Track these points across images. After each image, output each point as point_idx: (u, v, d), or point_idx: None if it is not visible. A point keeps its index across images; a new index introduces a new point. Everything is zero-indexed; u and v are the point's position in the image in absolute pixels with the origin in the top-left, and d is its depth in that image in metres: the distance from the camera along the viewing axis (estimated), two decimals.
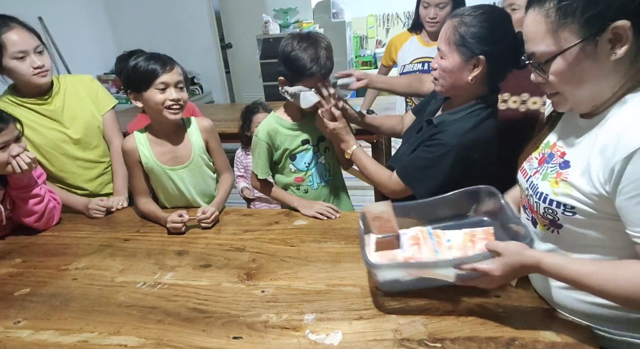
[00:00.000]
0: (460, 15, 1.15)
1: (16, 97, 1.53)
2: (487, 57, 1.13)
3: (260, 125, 1.50)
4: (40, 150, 1.57)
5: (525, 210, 0.97)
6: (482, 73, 1.16)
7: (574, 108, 0.84)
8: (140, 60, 1.36)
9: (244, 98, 5.25)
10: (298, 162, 1.51)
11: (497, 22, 1.14)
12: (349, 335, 0.91)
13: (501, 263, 0.83)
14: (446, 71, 1.18)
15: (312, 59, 1.30)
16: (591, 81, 0.77)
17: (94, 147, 1.68)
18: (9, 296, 1.14)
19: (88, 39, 4.44)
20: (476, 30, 1.12)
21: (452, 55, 1.16)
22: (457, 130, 1.19)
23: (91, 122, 1.66)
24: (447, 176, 1.19)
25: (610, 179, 0.73)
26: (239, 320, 0.98)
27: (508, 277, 0.85)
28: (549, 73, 0.79)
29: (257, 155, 1.51)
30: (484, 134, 1.20)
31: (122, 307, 1.06)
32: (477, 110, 1.20)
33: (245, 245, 1.30)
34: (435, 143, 1.20)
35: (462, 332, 0.89)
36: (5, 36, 1.40)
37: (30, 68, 1.44)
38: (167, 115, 1.39)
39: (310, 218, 1.44)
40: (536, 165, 0.92)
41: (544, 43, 0.78)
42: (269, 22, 4.58)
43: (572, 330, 0.87)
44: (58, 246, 1.39)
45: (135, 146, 1.46)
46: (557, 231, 0.86)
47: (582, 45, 0.74)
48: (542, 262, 0.80)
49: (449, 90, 1.24)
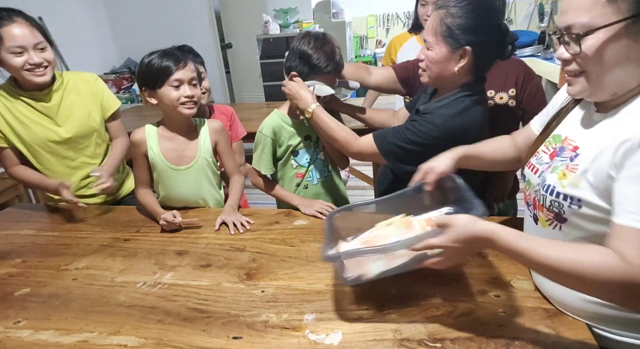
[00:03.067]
0: (446, 6, 1.16)
1: (13, 89, 1.52)
2: (473, 47, 1.14)
3: (264, 122, 1.50)
4: (27, 146, 1.56)
5: (529, 206, 0.96)
6: (468, 64, 1.17)
7: (592, 94, 0.80)
8: (154, 58, 1.37)
9: (244, 98, 5.25)
10: (300, 157, 1.54)
11: (483, 12, 1.15)
12: (348, 335, 0.91)
13: (451, 236, 0.79)
14: (433, 62, 1.20)
15: (329, 57, 1.38)
16: (622, 65, 0.74)
17: (84, 147, 1.65)
18: (9, 296, 1.14)
19: (88, 38, 4.44)
20: (462, 21, 1.13)
21: (438, 46, 1.17)
22: (442, 113, 1.19)
23: (86, 121, 1.63)
24: (424, 154, 1.15)
25: (620, 160, 0.72)
26: (239, 320, 0.98)
27: (462, 251, 0.81)
28: (582, 48, 0.75)
29: (261, 151, 1.51)
30: (468, 121, 1.20)
31: (122, 307, 1.06)
32: (462, 97, 1.21)
33: (246, 245, 1.30)
34: (423, 121, 1.20)
35: (462, 332, 0.89)
36: (5, 29, 1.39)
37: (26, 64, 1.43)
38: (182, 110, 1.39)
39: (311, 218, 1.44)
40: (547, 160, 0.91)
41: (588, 14, 0.73)
42: (269, 22, 4.58)
43: (573, 330, 0.87)
44: (58, 246, 1.39)
45: (144, 138, 1.47)
46: (560, 226, 0.85)
47: (629, 22, 0.70)
48: (495, 234, 0.77)
49: (435, 81, 1.25)
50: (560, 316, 0.91)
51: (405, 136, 1.22)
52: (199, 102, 1.43)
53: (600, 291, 0.73)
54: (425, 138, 1.19)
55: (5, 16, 1.40)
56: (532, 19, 4.82)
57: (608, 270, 0.69)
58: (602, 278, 0.69)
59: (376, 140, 1.27)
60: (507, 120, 1.57)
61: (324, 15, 5.07)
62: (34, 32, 1.44)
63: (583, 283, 0.72)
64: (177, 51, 1.42)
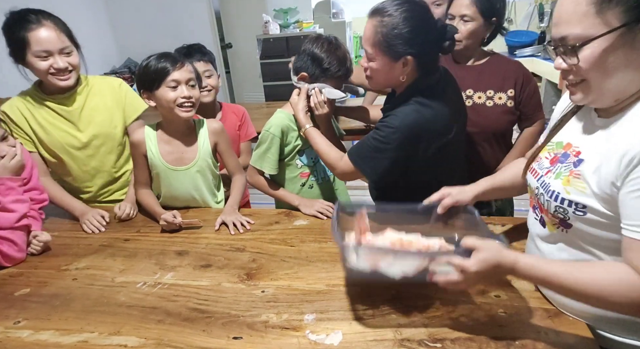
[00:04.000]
0: (380, 14, 1.14)
1: (39, 94, 1.51)
2: (414, 56, 1.13)
3: (272, 121, 1.50)
4: (47, 151, 1.55)
5: (535, 209, 0.96)
6: (412, 69, 1.17)
7: (594, 101, 0.80)
8: (151, 59, 1.38)
9: (244, 98, 5.25)
10: (305, 157, 1.55)
11: (419, 19, 1.13)
12: (349, 335, 0.91)
13: (478, 259, 0.79)
14: (376, 72, 1.20)
15: (341, 62, 1.40)
16: (622, 71, 0.74)
17: (103, 153, 1.60)
18: (10, 296, 1.14)
19: (88, 38, 4.38)
20: (399, 32, 1.11)
21: (378, 57, 1.17)
22: (399, 113, 1.20)
23: (107, 128, 1.58)
24: (393, 157, 1.20)
25: (624, 171, 0.72)
26: (239, 320, 0.98)
27: (482, 276, 0.80)
28: (579, 59, 0.75)
29: (266, 150, 1.50)
30: (426, 116, 1.19)
31: (122, 307, 1.06)
32: (414, 93, 1.20)
33: (246, 245, 1.30)
34: (382, 126, 1.21)
35: (462, 332, 0.89)
36: (33, 33, 1.37)
37: (51, 68, 1.41)
38: (179, 113, 1.39)
39: (311, 218, 1.44)
40: (548, 165, 0.91)
41: (581, 25, 0.73)
42: (269, 22, 4.58)
43: (573, 331, 0.87)
44: (58, 246, 1.38)
45: (144, 140, 1.46)
46: (565, 230, 0.86)
47: (623, 30, 0.70)
48: (518, 261, 0.79)
49: (384, 87, 1.27)
50: (561, 316, 0.91)
51: (372, 145, 1.22)
52: (197, 103, 1.43)
53: (625, 308, 0.76)
54: (388, 142, 1.19)
55: (34, 19, 1.38)
56: (532, 19, 4.82)
57: (625, 286, 0.72)
58: (622, 295, 0.72)
59: (350, 158, 1.28)
60: (505, 119, 1.59)
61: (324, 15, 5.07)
62: (61, 36, 1.42)
63: (605, 303, 0.76)
64: (175, 53, 1.42)
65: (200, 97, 1.49)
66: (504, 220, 1.33)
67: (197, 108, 1.46)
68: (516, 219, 1.32)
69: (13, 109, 1.49)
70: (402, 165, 1.22)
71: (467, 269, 0.79)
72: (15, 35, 1.38)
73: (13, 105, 1.49)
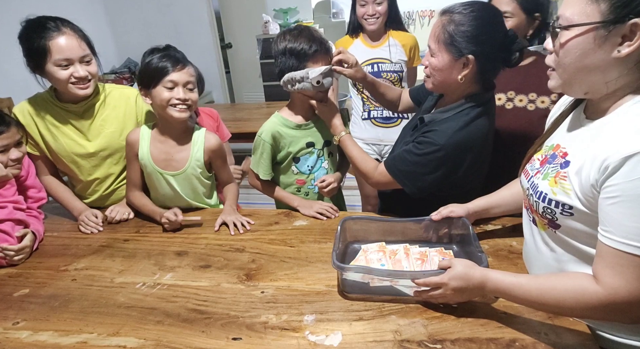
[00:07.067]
0: (450, 12, 1.14)
1: (52, 100, 1.49)
2: (476, 56, 1.12)
3: (264, 126, 1.48)
4: (53, 156, 1.53)
5: (527, 210, 0.97)
6: (472, 73, 1.15)
7: (565, 90, 0.84)
8: (154, 57, 1.36)
9: (244, 98, 5.25)
10: (301, 164, 1.51)
11: (487, 20, 1.13)
12: (348, 336, 0.91)
13: (450, 275, 0.89)
14: (436, 69, 1.18)
15: (309, 39, 1.35)
16: (586, 68, 0.75)
17: (110, 163, 1.58)
18: (8, 297, 1.14)
19: None
20: (465, 29, 1.11)
21: (441, 53, 1.15)
22: (446, 129, 1.18)
23: (116, 139, 1.55)
24: (434, 174, 1.20)
25: (601, 177, 0.72)
26: (239, 321, 0.98)
27: (459, 290, 0.89)
28: (559, 41, 0.77)
29: (259, 156, 1.49)
30: (474, 134, 1.19)
31: (121, 308, 1.06)
32: (467, 109, 1.19)
33: (245, 246, 1.30)
34: (425, 141, 1.20)
35: (462, 333, 0.89)
36: (54, 42, 1.34)
37: (71, 77, 1.38)
38: (172, 112, 1.37)
39: (310, 219, 1.44)
40: (538, 166, 0.92)
41: (572, 9, 0.75)
42: (269, 22, 4.58)
43: (573, 331, 0.87)
44: (57, 247, 1.38)
45: (138, 139, 1.46)
46: (554, 230, 0.86)
47: (598, 26, 0.71)
48: (487, 275, 0.86)
49: (439, 88, 1.24)
50: (561, 317, 0.91)
51: (413, 160, 1.21)
52: (193, 106, 1.41)
53: (577, 312, 0.80)
54: (431, 160, 1.19)
55: (54, 27, 1.35)
56: None
57: (580, 290, 0.75)
58: (581, 303, 0.75)
59: (388, 169, 1.27)
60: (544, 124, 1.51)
61: (324, 15, 5.08)
62: (81, 44, 1.39)
63: (560, 308, 0.79)
64: (179, 54, 1.40)
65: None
66: (504, 220, 1.33)
67: None
68: (516, 219, 1.32)
69: (24, 113, 1.47)
70: (441, 181, 1.21)
71: (442, 285, 0.90)
72: (35, 44, 1.33)
73: (24, 109, 1.48)
